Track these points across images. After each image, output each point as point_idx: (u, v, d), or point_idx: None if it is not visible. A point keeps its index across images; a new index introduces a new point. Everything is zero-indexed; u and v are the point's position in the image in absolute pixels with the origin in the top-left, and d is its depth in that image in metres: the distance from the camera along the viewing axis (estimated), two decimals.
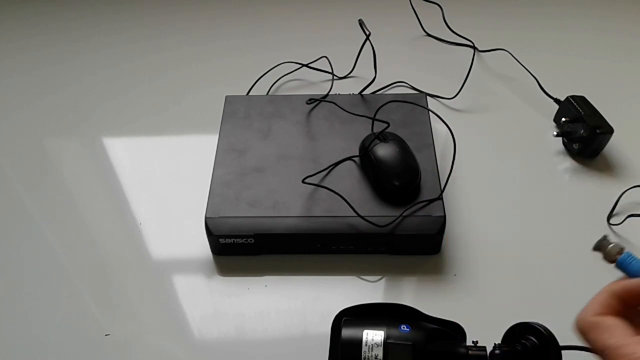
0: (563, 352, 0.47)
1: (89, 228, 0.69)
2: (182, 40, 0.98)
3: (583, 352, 0.42)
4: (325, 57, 0.89)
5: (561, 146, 0.76)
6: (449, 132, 0.64)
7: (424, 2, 0.95)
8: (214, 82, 0.89)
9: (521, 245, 0.65)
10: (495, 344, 0.48)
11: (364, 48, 0.83)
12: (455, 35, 0.94)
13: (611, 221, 0.66)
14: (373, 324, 0.48)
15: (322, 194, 0.64)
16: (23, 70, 0.94)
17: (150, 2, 1.07)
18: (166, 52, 0.96)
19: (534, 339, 0.47)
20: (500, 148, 0.76)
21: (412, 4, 0.95)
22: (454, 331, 0.50)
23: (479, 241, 0.65)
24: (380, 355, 0.46)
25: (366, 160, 0.66)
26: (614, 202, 0.67)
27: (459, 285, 0.61)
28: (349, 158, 0.68)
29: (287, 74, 0.88)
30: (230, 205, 0.63)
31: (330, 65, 0.87)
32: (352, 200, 0.62)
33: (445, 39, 0.95)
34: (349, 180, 0.65)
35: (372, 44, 0.81)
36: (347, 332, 0.48)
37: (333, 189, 0.63)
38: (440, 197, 0.63)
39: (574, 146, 0.73)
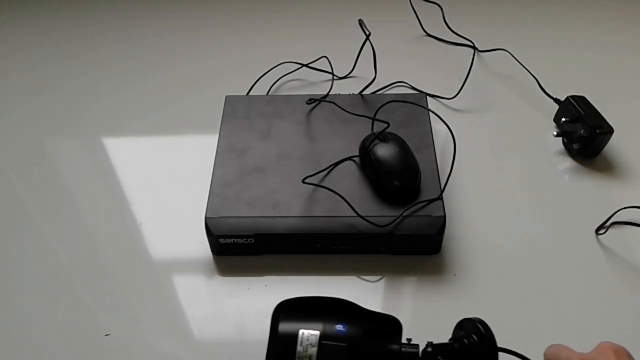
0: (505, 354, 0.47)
1: (89, 228, 0.69)
2: (182, 40, 0.98)
3: None
4: (325, 57, 0.89)
5: (561, 146, 0.76)
6: (449, 132, 0.64)
7: (424, 2, 0.95)
8: (214, 82, 0.89)
9: (521, 245, 0.65)
10: (428, 342, 0.48)
11: (364, 48, 0.83)
12: (455, 35, 0.94)
13: (611, 221, 0.66)
14: (311, 320, 0.48)
15: (322, 194, 0.64)
16: (23, 69, 0.94)
17: (151, 1, 1.07)
18: (166, 52, 0.96)
19: (474, 337, 0.47)
20: (500, 148, 0.76)
21: (412, 4, 0.95)
22: (391, 325, 0.51)
23: (479, 241, 0.65)
24: (314, 356, 0.46)
25: (366, 160, 0.66)
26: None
27: (459, 285, 0.61)
28: (349, 158, 0.68)
29: (287, 74, 0.88)
30: (230, 205, 0.63)
31: (330, 65, 0.87)
32: (352, 200, 0.62)
33: (445, 39, 0.95)
34: (349, 180, 0.65)
35: (372, 44, 0.81)
36: (284, 327, 0.48)
37: (333, 189, 0.63)
38: (440, 197, 0.63)
39: (574, 146, 0.73)
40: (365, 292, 0.61)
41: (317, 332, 0.47)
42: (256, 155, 0.69)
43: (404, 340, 0.49)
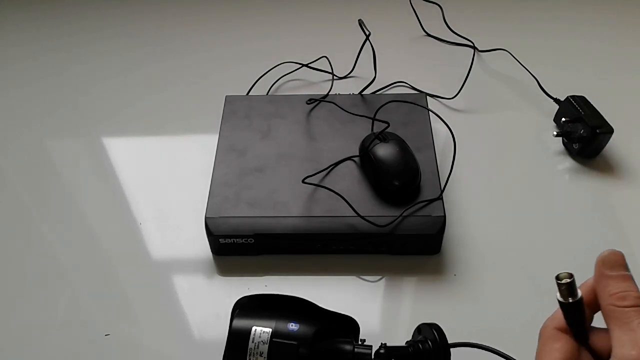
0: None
1: (89, 228, 0.69)
2: (182, 41, 0.98)
3: None
4: (325, 57, 0.89)
5: (561, 146, 0.76)
6: (449, 132, 0.64)
7: (424, 2, 0.95)
8: (214, 82, 0.89)
9: (521, 246, 0.65)
10: (381, 343, 0.49)
11: (363, 48, 0.83)
12: (455, 35, 0.94)
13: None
14: (265, 318, 0.49)
15: (322, 194, 0.64)
16: (23, 69, 0.94)
17: (151, 2, 1.07)
18: (166, 52, 0.96)
19: (430, 344, 0.48)
20: (500, 148, 0.76)
21: (412, 4, 0.95)
22: (349, 326, 0.51)
23: (479, 241, 0.65)
24: (265, 354, 0.46)
25: (366, 160, 0.66)
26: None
27: (459, 285, 0.61)
28: (349, 158, 0.68)
29: (287, 74, 0.88)
30: (230, 205, 0.63)
31: (330, 65, 0.87)
32: (352, 200, 0.62)
33: (445, 39, 0.95)
34: (349, 180, 0.65)
35: (372, 44, 0.81)
36: (238, 323, 0.49)
37: (333, 189, 0.63)
38: (440, 197, 0.63)
39: (574, 146, 0.73)
40: (365, 292, 0.61)
41: (269, 330, 0.48)
42: (256, 155, 0.69)
43: (370, 343, 0.49)
